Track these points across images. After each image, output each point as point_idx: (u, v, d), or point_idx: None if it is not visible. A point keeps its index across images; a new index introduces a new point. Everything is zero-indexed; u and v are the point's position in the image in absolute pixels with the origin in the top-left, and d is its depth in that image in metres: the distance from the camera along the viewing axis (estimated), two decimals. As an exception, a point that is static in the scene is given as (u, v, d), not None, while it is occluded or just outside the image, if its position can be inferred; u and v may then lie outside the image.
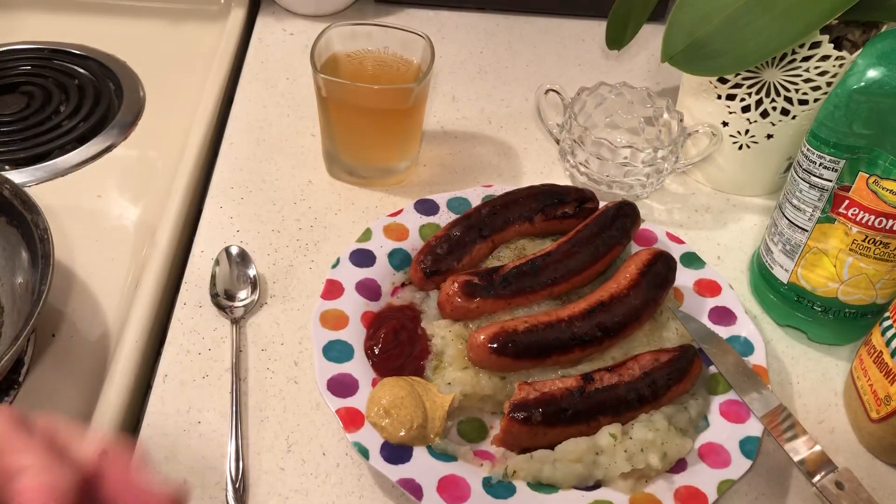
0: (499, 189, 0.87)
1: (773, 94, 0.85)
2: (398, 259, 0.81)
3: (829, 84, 0.82)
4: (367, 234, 0.82)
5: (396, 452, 0.65)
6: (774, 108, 0.86)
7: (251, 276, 0.81)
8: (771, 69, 0.83)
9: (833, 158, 0.71)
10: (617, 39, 0.96)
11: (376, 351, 0.72)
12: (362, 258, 0.79)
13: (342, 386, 0.69)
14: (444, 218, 0.84)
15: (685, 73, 0.92)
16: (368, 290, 0.77)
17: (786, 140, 0.88)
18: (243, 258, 0.82)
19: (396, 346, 0.73)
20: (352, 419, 0.67)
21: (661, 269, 0.77)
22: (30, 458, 0.41)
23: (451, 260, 0.78)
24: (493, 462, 0.68)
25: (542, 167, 0.97)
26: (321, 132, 0.92)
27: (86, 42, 1.11)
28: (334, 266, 0.78)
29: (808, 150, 0.73)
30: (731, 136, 0.90)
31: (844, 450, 0.74)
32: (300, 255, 0.85)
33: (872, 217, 0.71)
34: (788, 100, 0.85)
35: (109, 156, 0.96)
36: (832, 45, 0.80)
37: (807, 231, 0.76)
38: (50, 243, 0.73)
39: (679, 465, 0.67)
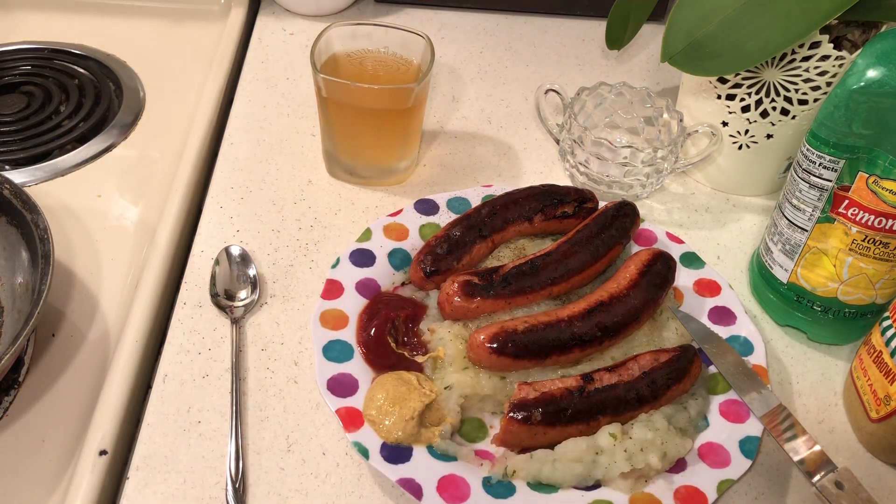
0: (498, 189, 0.87)
1: (772, 94, 0.85)
2: (398, 259, 0.81)
3: (828, 84, 0.82)
4: (367, 234, 0.82)
5: (396, 452, 0.65)
6: (774, 108, 0.86)
7: (251, 275, 0.81)
8: (771, 69, 0.83)
9: (833, 158, 0.71)
10: (617, 39, 0.96)
11: (369, 343, 0.73)
12: (362, 258, 0.79)
13: (342, 386, 0.69)
14: (444, 218, 0.85)
15: (685, 73, 0.92)
16: (368, 289, 0.78)
17: (786, 140, 0.88)
18: (243, 258, 0.82)
19: (386, 340, 0.73)
20: (351, 419, 0.67)
21: (660, 269, 0.77)
22: None
23: (451, 260, 0.78)
24: (493, 462, 0.68)
25: (542, 167, 0.97)
26: (321, 132, 0.92)
27: (86, 42, 1.11)
28: (334, 266, 0.78)
29: (807, 150, 0.73)
30: (731, 136, 0.90)
31: (844, 450, 0.74)
32: (300, 255, 0.85)
33: (872, 217, 0.71)
34: (788, 100, 0.85)
35: (109, 156, 0.96)
36: (832, 45, 0.80)
37: (806, 231, 0.76)
38: (50, 243, 0.73)
39: (679, 465, 0.67)
